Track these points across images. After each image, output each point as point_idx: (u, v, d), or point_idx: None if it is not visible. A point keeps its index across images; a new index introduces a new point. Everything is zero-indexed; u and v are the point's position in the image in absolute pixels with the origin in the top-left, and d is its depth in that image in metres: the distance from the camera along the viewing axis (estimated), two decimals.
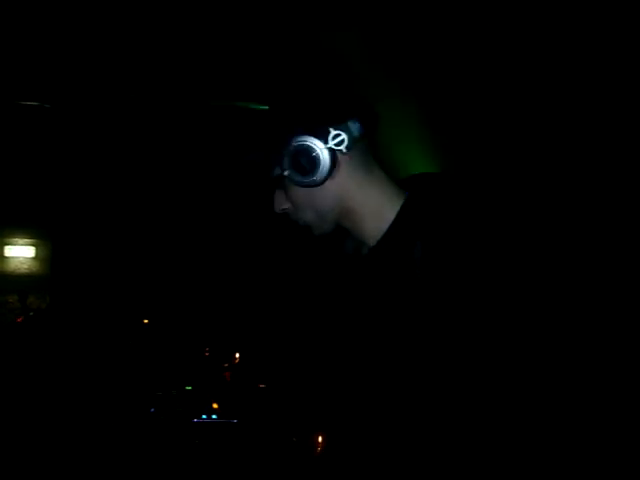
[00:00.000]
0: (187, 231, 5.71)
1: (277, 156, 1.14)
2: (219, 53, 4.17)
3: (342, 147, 1.12)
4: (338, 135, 1.11)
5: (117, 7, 3.86)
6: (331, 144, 1.11)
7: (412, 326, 1.12)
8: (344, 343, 1.25)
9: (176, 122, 5.30)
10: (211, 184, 5.53)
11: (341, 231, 1.25)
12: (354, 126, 1.13)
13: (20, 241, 6.45)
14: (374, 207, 1.17)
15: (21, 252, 6.45)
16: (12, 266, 6.42)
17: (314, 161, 1.11)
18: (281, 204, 1.22)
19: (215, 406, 3.55)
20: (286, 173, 1.13)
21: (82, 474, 3.11)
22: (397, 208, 1.16)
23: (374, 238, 1.18)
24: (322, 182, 1.13)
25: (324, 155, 1.11)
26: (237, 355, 4.10)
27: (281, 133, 1.13)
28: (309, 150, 1.11)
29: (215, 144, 5.14)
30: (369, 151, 1.19)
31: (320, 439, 2.91)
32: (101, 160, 5.77)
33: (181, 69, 4.49)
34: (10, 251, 6.44)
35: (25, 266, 6.43)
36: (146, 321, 4.83)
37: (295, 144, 1.11)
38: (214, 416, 3.46)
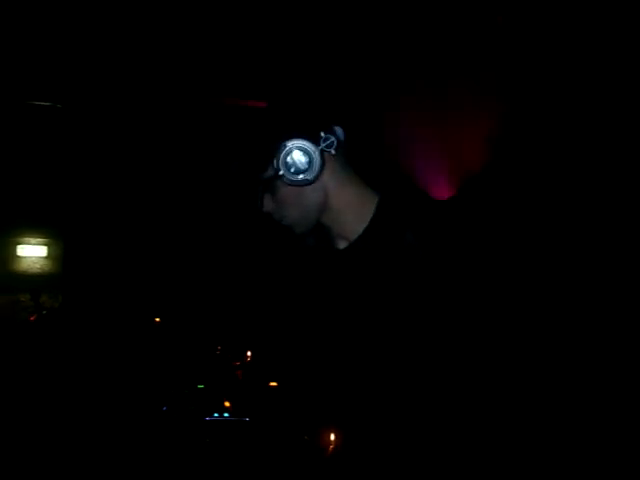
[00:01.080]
0: (199, 230, 5.72)
1: (270, 158, 1.24)
2: (219, 53, 4.20)
3: (331, 149, 1.24)
4: (328, 138, 1.23)
5: (122, 8, 3.89)
6: (322, 146, 1.23)
7: (413, 311, 1.20)
8: (346, 336, 1.31)
9: (185, 122, 5.32)
10: (223, 184, 5.54)
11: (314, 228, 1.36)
12: (339, 131, 1.28)
13: (32, 240, 6.49)
14: (354, 204, 1.30)
15: (33, 251, 6.49)
16: (25, 265, 6.46)
17: (309, 161, 1.22)
18: (268, 205, 1.32)
19: (227, 404, 3.55)
20: (281, 172, 1.23)
21: (95, 472, 3.12)
22: (373, 205, 1.29)
23: (355, 232, 1.30)
24: (313, 181, 1.24)
25: (317, 156, 1.23)
26: (249, 353, 4.10)
27: (276, 136, 1.24)
28: (305, 151, 1.22)
29: (226, 142, 5.14)
30: (347, 154, 1.32)
31: (332, 437, 2.91)
32: (113, 160, 5.79)
33: (187, 70, 4.51)
34: (22, 250, 6.47)
35: (37, 265, 6.47)
36: (158, 320, 4.85)
37: (291, 145, 1.22)
38: (226, 414, 3.47)
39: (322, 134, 1.23)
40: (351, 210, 1.29)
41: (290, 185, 1.25)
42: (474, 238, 1.21)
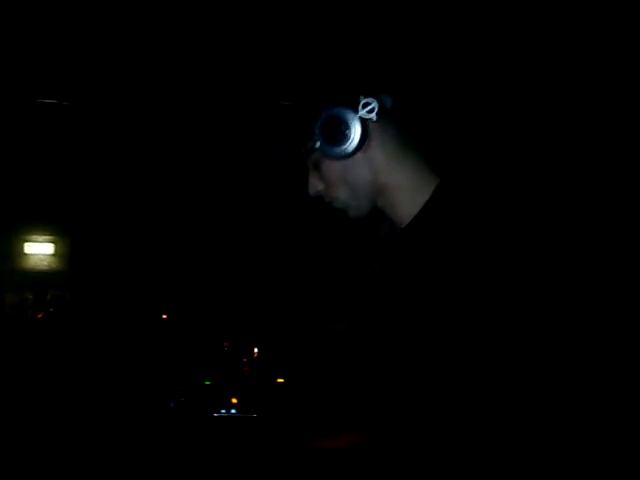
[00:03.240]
0: (207, 227, 5.72)
1: (310, 129, 1.11)
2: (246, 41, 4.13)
3: (372, 116, 1.09)
4: (368, 103, 1.08)
5: (129, 7, 3.89)
6: (361, 113, 1.09)
7: (445, 304, 1.09)
8: (374, 332, 1.23)
9: (195, 120, 5.31)
10: (231, 180, 5.55)
11: (376, 214, 1.21)
12: (386, 98, 1.11)
13: (39, 238, 6.51)
14: (407, 185, 1.15)
15: (40, 249, 6.51)
16: (32, 263, 6.48)
17: (344, 130, 1.09)
18: (315, 185, 1.19)
19: (234, 400, 3.56)
20: (317, 145, 1.10)
21: (103, 467, 3.13)
22: (430, 190, 1.14)
23: (408, 217, 1.15)
24: (353, 153, 1.10)
25: (354, 124, 1.09)
26: (256, 350, 4.11)
27: (313, 104, 1.12)
28: (338, 119, 1.09)
29: (232, 140, 5.15)
30: (403, 128, 1.16)
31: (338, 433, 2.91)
32: (119, 158, 5.80)
33: (201, 62, 4.49)
34: (30, 248, 6.49)
35: (45, 263, 6.49)
36: (165, 316, 4.86)
37: (325, 114, 1.09)
38: (233, 410, 3.48)
39: (361, 99, 1.08)
40: (405, 191, 1.14)
41: (332, 159, 1.12)
42: (520, 233, 1.09)
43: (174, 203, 5.80)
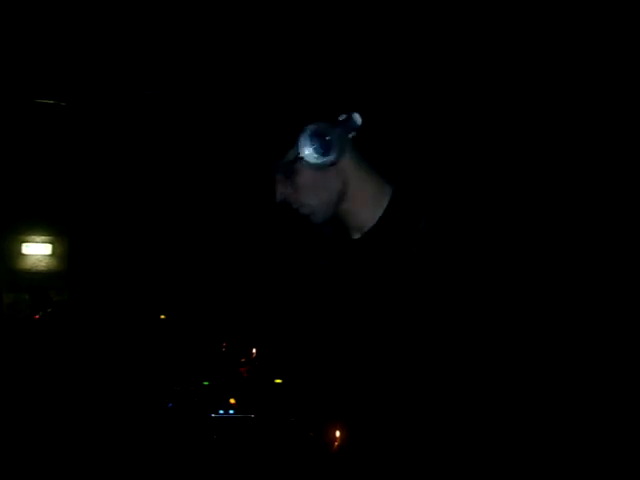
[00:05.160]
0: (204, 228, 5.73)
1: (290, 142, 1.23)
2: (229, 48, 4.18)
3: (350, 132, 1.24)
4: (346, 121, 1.24)
5: (125, 7, 3.90)
6: (341, 129, 1.23)
7: (418, 302, 1.19)
8: (356, 330, 1.30)
9: (191, 121, 5.32)
10: (228, 181, 5.55)
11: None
12: (357, 116, 1.26)
13: (37, 238, 6.51)
14: (370, 194, 1.29)
15: (38, 249, 6.51)
16: (30, 263, 6.48)
17: (329, 143, 1.22)
18: (285, 192, 1.30)
19: (232, 401, 3.56)
20: (305, 153, 1.22)
21: (101, 467, 3.13)
22: (388, 196, 1.29)
23: (369, 223, 1.29)
24: (334, 163, 1.23)
25: (337, 138, 1.23)
26: (254, 350, 4.11)
27: (295, 120, 1.23)
28: (325, 133, 1.22)
29: (231, 141, 5.15)
30: (364, 144, 1.31)
31: (337, 433, 2.92)
32: (118, 158, 5.80)
33: (193, 67, 4.50)
34: (27, 248, 6.49)
35: (42, 263, 6.49)
36: (163, 317, 4.86)
37: (313, 128, 1.21)
38: (231, 411, 3.48)
39: (340, 117, 1.24)
40: (367, 200, 1.29)
41: (311, 169, 1.24)
42: (488, 227, 1.21)
43: (172, 204, 5.80)
